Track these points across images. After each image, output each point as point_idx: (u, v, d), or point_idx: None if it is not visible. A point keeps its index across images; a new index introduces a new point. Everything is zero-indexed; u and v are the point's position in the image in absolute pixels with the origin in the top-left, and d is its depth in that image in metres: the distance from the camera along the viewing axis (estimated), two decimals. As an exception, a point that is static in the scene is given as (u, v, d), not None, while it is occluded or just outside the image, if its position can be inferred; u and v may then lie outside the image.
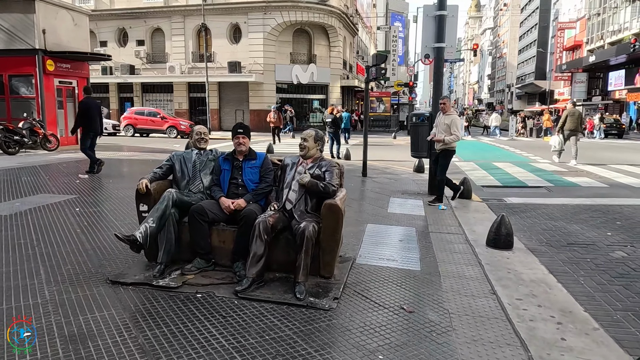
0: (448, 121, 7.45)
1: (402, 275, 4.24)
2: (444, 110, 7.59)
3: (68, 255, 4.38)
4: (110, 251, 4.54)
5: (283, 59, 31.01)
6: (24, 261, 4.20)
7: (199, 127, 4.58)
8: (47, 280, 3.75)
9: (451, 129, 7.39)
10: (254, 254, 3.72)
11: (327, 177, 4.04)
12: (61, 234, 5.10)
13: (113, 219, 5.83)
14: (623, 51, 37.68)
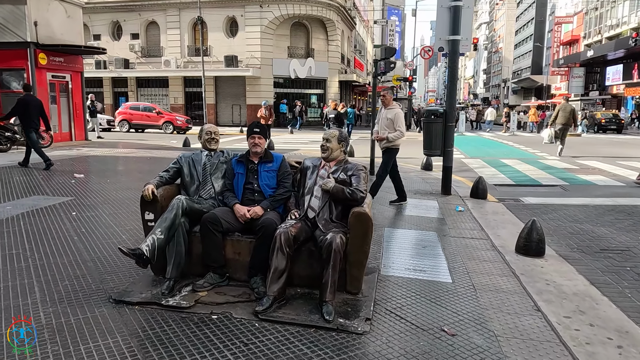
0: (391, 115, 6.76)
1: (434, 288, 3.87)
2: (384, 104, 6.93)
3: (65, 268, 3.96)
4: (111, 262, 4.14)
5: (280, 53, 30.50)
6: (15, 276, 3.79)
7: (209, 126, 4.17)
8: (42, 300, 3.34)
9: (395, 124, 6.72)
10: (275, 269, 3.33)
11: (354, 182, 3.65)
12: (57, 242, 4.68)
13: (113, 224, 5.41)
14: (622, 46, 37.48)
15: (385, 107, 6.91)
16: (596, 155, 14.74)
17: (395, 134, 6.75)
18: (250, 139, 3.93)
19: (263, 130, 3.93)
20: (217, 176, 3.99)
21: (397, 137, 6.79)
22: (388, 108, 6.87)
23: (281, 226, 3.45)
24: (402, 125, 6.77)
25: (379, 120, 6.97)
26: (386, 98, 6.92)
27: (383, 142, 6.87)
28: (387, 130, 6.81)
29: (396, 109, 6.84)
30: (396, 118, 6.75)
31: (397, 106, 6.96)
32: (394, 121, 6.74)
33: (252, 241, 3.63)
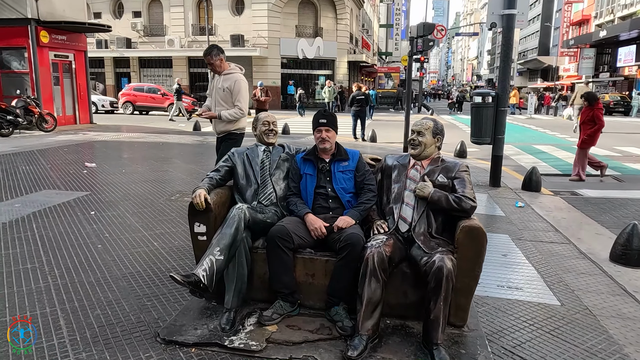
0: (228, 84, 4.57)
1: (544, 314, 3.16)
2: (216, 70, 4.65)
3: (94, 290, 3.24)
4: (148, 281, 3.42)
5: (288, 32, 29.41)
6: (34, 301, 3.07)
7: (266, 115, 3.40)
8: (71, 340, 2.62)
9: (234, 97, 4.58)
10: (369, 301, 2.61)
11: (458, 187, 2.90)
12: (78, 252, 3.95)
13: (140, 226, 4.67)
14: (637, 26, 36.29)
15: (219, 73, 4.67)
16: (629, 141, 13.97)
17: (232, 112, 4.57)
18: (316, 133, 3.17)
19: (332, 121, 3.16)
20: (279, 177, 3.24)
21: (236, 116, 4.60)
22: (224, 74, 4.64)
23: (371, 244, 2.72)
24: (244, 100, 4.60)
25: (211, 92, 4.81)
26: (215, 64, 4.60)
27: (219, 125, 4.70)
28: (224, 105, 4.63)
29: (235, 74, 4.65)
30: (236, 88, 4.56)
31: (238, 70, 4.74)
32: (233, 92, 4.57)
33: (328, 260, 2.90)
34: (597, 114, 8.03)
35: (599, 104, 8.26)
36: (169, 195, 5.96)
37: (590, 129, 8.03)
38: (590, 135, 8.04)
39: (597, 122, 7.98)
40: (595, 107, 8.10)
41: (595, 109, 8.07)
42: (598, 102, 8.29)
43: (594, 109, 8.07)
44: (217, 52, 4.62)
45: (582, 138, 8.15)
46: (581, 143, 8.16)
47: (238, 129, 4.76)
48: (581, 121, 8.26)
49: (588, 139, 8.08)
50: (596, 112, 8.04)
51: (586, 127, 8.11)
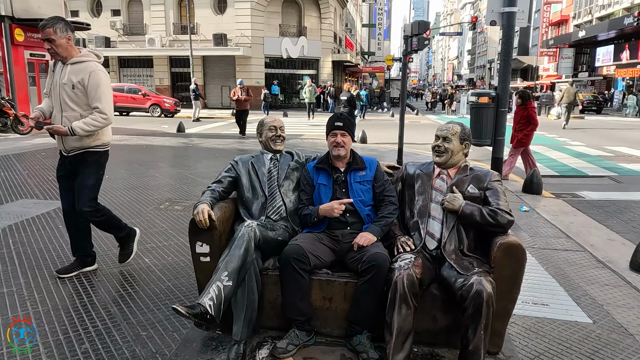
0: (80, 78, 3.19)
1: (579, 335, 2.91)
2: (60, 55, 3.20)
3: (80, 318, 2.87)
4: (142, 305, 3.05)
5: (272, 31, 28.99)
6: (11, 335, 2.68)
7: (273, 119, 3.07)
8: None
9: (89, 97, 3.22)
10: (400, 331, 2.30)
11: (492, 199, 2.62)
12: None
13: (128, 240, 4.29)
14: (615, 26, 36.87)
15: (63, 61, 3.25)
16: (620, 140, 13.98)
17: (90, 120, 3.21)
18: (330, 137, 2.86)
19: (348, 125, 2.86)
20: (288, 188, 2.91)
21: (97, 124, 3.23)
22: (72, 62, 3.23)
23: (399, 265, 2.41)
24: (106, 101, 3.26)
25: (52, 89, 3.32)
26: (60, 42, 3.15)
27: (70, 140, 3.29)
28: (74, 108, 3.24)
29: (90, 62, 3.27)
30: (92, 83, 3.21)
31: (94, 58, 3.33)
32: (88, 90, 3.22)
33: (348, 282, 2.59)
34: (531, 113, 7.87)
35: (532, 103, 8.13)
36: (157, 204, 5.57)
37: (525, 129, 7.86)
38: (526, 134, 7.89)
39: (532, 122, 7.81)
40: (528, 106, 7.94)
41: (529, 108, 7.91)
42: (531, 101, 8.16)
43: (527, 108, 7.92)
44: (65, 27, 3.17)
45: (518, 138, 7.94)
46: (516, 143, 7.98)
47: (101, 145, 3.41)
48: (515, 121, 8.06)
49: (524, 138, 7.91)
50: (530, 111, 7.89)
51: (520, 127, 7.93)
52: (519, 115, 7.98)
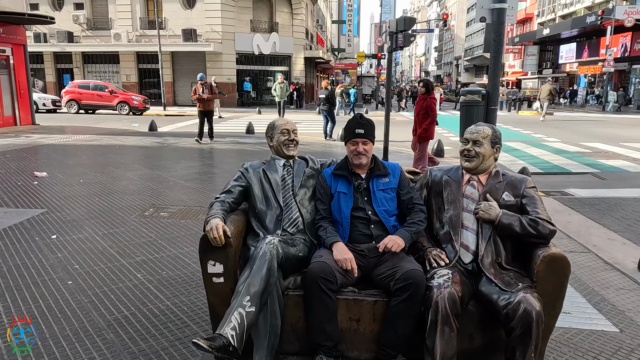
0: None
1: (611, 346, 2.78)
2: None
3: (72, 347, 2.54)
4: (141, 330, 2.74)
5: (243, 27, 28.43)
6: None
7: (285, 122, 2.80)
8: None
9: None
10: (443, 356, 2.11)
11: (530, 208, 2.44)
12: (43, 292, 3.19)
13: (115, 252, 3.93)
14: (578, 24, 37.99)
15: None
16: (589, 136, 14.27)
17: None
18: (350, 145, 2.61)
19: (370, 131, 2.62)
20: (304, 197, 2.66)
21: None
22: None
23: (438, 282, 2.20)
24: None
25: None
26: None
27: None
28: None
29: None
30: None
31: None
32: None
33: (377, 301, 2.37)
34: (430, 104, 7.49)
35: (433, 94, 7.74)
36: (141, 211, 5.20)
37: (424, 122, 7.51)
38: (425, 129, 7.52)
39: (430, 113, 7.46)
40: (430, 96, 7.56)
41: (429, 99, 7.52)
42: (432, 92, 7.79)
43: (427, 98, 7.52)
44: None
45: (419, 133, 7.58)
46: (419, 138, 7.61)
47: None
48: (416, 111, 7.74)
49: (424, 133, 7.54)
50: (429, 102, 7.50)
51: (420, 119, 7.59)
52: (419, 106, 7.64)
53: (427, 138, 7.67)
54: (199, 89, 11.37)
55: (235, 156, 9.43)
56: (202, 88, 11.35)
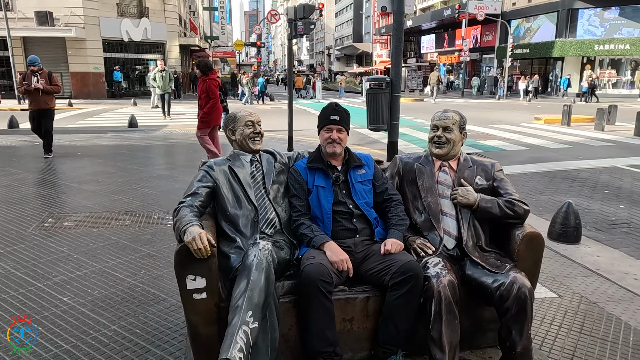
0: None
1: (552, 310, 3.06)
2: None
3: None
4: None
5: (108, 10, 25.94)
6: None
7: (247, 113, 2.53)
8: None
9: None
10: (450, 345, 2.10)
11: (503, 190, 2.53)
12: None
13: (22, 274, 3.27)
14: (436, 17, 41.60)
15: None
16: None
17: None
18: (324, 132, 2.48)
19: (345, 119, 2.50)
20: (277, 195, 2.45)
21: None
22: None
23: (435, 272, 2.18)
24: None
25: None
26: None
27: None
28: None
29: None
30: None
31: None
32: None
33: (369, 297, 2.28)
34: (210, 86, 6.77)
35: (213, 74, 7.05)
36: (38, 222, 4.43)
37: (205, 106, 6.83)
38: (207, 113, 6.83)
39: (211, 97, 6.77)
40: (209, 77, 6.85)
41: (208, 80, 6.80)
42: (213, 72, 7.12)
43: (207, 80, 6.81)
44: None
45: (200, 118, 6.89)
46: (200, 124, 6.90)
47: None
48: (198, 95, 7.00)
49: (206, 118, 6.86)
50: (209, 84, 6.77)
51: (202, 102, 6.89)
52: (200, 89, 6.93)
53: (209, 124, 6.95)
54: (30, 79, 7.80)
55: (126, 153, 8.58)
56: (34, 78, 7.78)
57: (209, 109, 6.84)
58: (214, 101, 6.83)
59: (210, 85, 6.80)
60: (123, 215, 4.66)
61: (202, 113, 6.89)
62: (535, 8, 31.26)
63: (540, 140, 10.98)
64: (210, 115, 6.89)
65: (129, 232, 4.18)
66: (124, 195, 5.45)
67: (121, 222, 4.45)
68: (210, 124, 6.97)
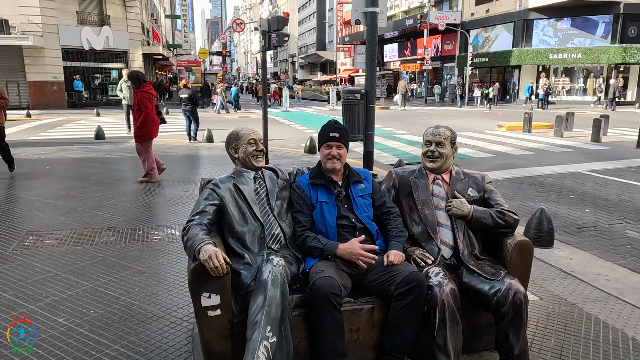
0: None
1: (535, 311, 3.22)
2: None
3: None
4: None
5: (68, 18, 25.27)
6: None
7: (250, 131, 2.60)
8: None
9: None
10: (456, 350, 2.23)
11: (494, 202, 2.69)
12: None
13: (10, 296, 3.19)
14: (399, 27, 42.53)
15: None
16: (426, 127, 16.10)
17: None
18: (324, 149, 2.57)
19: (345, 136, 2.60)
20: (281, 211, 2.52)
21: None
22: None
23: (437, 281, 2.30)
24: None
25: None
26: None
27: None
28: None
29: None
30: None
31: None
32: None
33: (374, 308, 2.38)
34: (142, 99, 6.68)
35: (145, 87, 6.87)
36: (18, 241, 4.31)
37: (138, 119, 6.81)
38: (140, 126, 6.77)
39: (142, 109, 6.68)
40: (140, 89, 6.76)
41: (140, 93, 6.73)
42: (145, 84, 6.90)
43: (138, 92, 6.74)
44: None
45: (134, 132, 6.87)
46: (135, 137, 6.86)
47: None
48: (133, 106, 6.96)
49: (140, 132, 6.80)
50: (140, 96, 6.70)
51: (137, 116, 6.85)
52: (134, 101, 6.85)
53: (145, 137, 6.84)
54: None
55: (98, 166, 8.40)
56: None
57: (141, 123, 6.75)
58: (146, 114, 6.70)
59: (142, 98, 6.68)
60: (106, 232, 4.59)
61: (135, 127, 6.81)
62: (493, 18, 32.50)
63: (505, 147, 11.43)
64: (143, 129, 6.79)
65: (115, 249, 4.13)
66: (104, 210, 5.36)
67: (105, 239, 4.38)
68: (145, 137, 6.85)
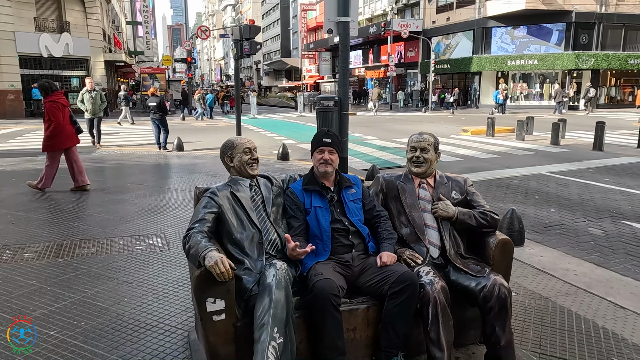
0: None
1: (513, 307, 3.42)
2: None
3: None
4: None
5: (25, 25, 24.47)
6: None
7: (244, 140, 2.67)
8: None
9: None
10: (448, 344, 2.36)
11: (476, 203, 2.86)
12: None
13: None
14: (363, 34, 43.13)
15: None
16: (395, 133, 16.47)
17: None
18: (317, 154, 2.69)
19: (337, 142, 2.72)
20: (277, 216, 2.61)
21: None
22: None
23: (428, 279, 2.44)
24: None
25: None
26: None
27: None
28: None
29: None
30: None
31: None
32: None
33: (369, 307, 2.49)
34: (50, 109, 6.56)
35: (54, 96, 6.70)
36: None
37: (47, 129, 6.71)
38: (50, 136, 6.68)
39: (52, 119, 6.57)
40: (49, 99, 6.64)
41: (48, 103, 6.63)
42: (54, 94, 6.72)
43: (46, 102, 6.67)
44: None
45: (43, 142, 6.81)
46: (43, 146, 6.81)
47: None
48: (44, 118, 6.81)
49: (49, 142, 6.72)
50: (48, 107, 6.59)
51: (46, 127, 6.75)
52: (45, 111, 6.77)
53: (54, 147, 6.76)
54: None
55: (66, 177, 8.19)
56: None
57: (51, 132, 6.62)
58: (55, 124, 6.55)
59: (51, 108, 6.53)
60: (86, 243, 4.53)
61: (45, 137, 6.70)
62: (454, 26, 33.51)
63: (471, 150, 11.83)
64: (53, 139, 6.67)
65: (98, 260, 4.09)
66: (81, 222, 5.28)
67: (86, 251, 4.33)
68: (55, 147, 6.72)
